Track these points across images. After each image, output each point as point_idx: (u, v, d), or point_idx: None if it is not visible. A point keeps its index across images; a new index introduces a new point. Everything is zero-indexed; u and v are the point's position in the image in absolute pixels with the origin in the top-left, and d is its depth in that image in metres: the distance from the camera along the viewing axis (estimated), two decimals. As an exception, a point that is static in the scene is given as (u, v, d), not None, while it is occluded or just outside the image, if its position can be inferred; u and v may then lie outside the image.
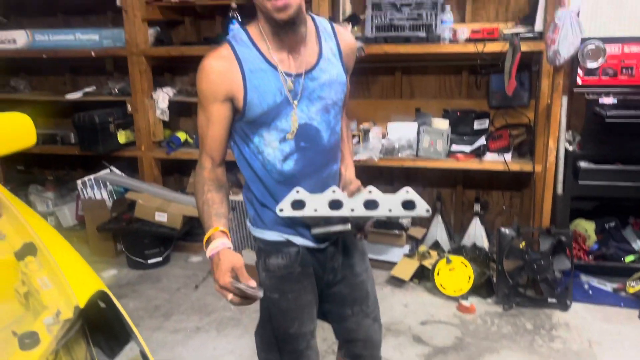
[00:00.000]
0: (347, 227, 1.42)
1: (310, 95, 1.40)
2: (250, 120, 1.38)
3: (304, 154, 1.42)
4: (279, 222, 1.46)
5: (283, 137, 1.39)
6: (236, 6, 3.33)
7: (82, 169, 4.43)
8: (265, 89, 1.35)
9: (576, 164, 3.01)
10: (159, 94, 3.77)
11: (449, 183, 3.80)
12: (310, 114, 1.41)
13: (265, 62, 1.36)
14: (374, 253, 3.48)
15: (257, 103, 1.35)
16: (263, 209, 1.48)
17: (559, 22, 2.72)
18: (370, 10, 3.25)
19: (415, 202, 1.37)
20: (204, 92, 1.37)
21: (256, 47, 1.37)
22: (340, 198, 1.39)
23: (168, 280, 3.45)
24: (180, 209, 3.56)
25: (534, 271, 2.96)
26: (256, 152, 1.42)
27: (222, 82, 1.34)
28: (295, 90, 1.38)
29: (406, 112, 3.67)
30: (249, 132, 1.41)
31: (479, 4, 3.48)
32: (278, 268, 1.49)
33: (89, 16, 4.22)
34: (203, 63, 1.36)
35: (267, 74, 1.36)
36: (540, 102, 3.07)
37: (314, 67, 1.40)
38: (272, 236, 1.49)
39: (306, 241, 1.49)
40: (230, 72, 1.34)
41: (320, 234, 1.44)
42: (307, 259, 1.50)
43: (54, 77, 4.44)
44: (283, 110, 1.37)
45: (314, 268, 1.52)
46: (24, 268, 1.29)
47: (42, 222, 1.61)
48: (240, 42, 1.37)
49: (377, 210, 1.38)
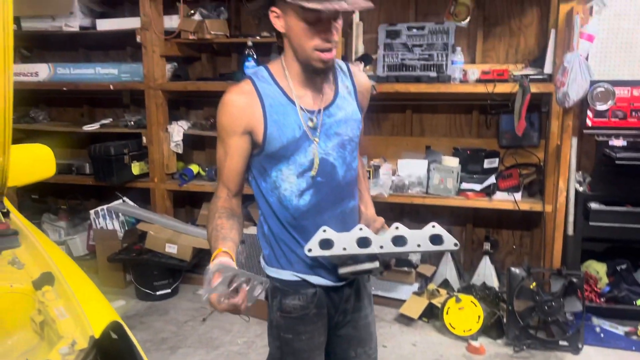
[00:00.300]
0: (376, 264, 1.40)
1: (327, 131, 1.44)
2: (270, 154, 1.41)
3: (320, 189, 1.44)
4: (295, 261, 1.47)
5: (301, 172, 1.42)
6: (252, 44, 3.43)
7: (95, 199, 4.49)
8: (284, 123, 1.40)
9: (587, 205, 3.01)
10: (174, 127, 3.85)
11: (459, 221, 3.80)
12: (327, 150, 1.44)
13: (285, 97, 1.42)
14: (382, 290, 3.46)
15: (276, 137, 1.39)
16: (279, 246, 1.49)
17: (568, 65, 2.77)
18: (382, 50, 3.34)
19: (442, 236, 1.36)
20: (224, 125, 1.41)
21: (277, 83, 1.43)
22: (368, 235, 1.38)
23: (176, 313, 3.45)
24: (191, 241, 3.59)
25: (545, 313, 2.93)
26: (273, 187, 1.45)
27: (242, 116, 1.39)
28: (315, 126, 1.42)
29: (416, 149, 3.71)
30: (267, 166, 1.44)
31: (489, 46, 3.55)
32: (294, 309, 1.48)
33: (109, 51, 4.36)
34: (224, 97, 1.41)
35: (286, 109, 1.41)
36: (550, 143, 3.10)
37: (331, 104, 1.46)
38: (288, 276, 1.49)
39: (323, 280, 1.49)
40: (251, 106, 1.39)
41: (348, 273, 1.41)
42: (322, 300, 1.50)
43: (73, 108, 4.56)
44: (302, 145, 1.41)
45: (328, 308, 1.53)
46: (41, 297, 1.31)
47: (60, 251, 1.64)
48: (261, 79, 1.43)
49: (406, 247, 1.36)
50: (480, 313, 3.05)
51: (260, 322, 3.14)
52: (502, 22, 3.51)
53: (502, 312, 3.10)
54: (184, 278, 3.80)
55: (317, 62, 1.36)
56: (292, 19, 1.33)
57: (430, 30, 3.27)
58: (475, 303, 3.07)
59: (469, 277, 3.59)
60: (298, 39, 1.35)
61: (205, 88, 3.73)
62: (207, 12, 3.67)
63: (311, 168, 1.43)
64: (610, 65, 3.19)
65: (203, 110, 4.20)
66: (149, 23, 3.61)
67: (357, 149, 1.56)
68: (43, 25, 3.85)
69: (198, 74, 4.13)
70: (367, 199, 1.65)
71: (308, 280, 1.48)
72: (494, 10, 3.51)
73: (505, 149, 3.52)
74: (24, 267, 1.46)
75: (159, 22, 3.67)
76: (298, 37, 1.34)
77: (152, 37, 3.65)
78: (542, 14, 3.43)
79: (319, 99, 1.45)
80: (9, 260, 1.48)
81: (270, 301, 1.54)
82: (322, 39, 1.33)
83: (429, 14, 3.60)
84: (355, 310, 1.58)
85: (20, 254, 1.52)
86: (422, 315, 3.24)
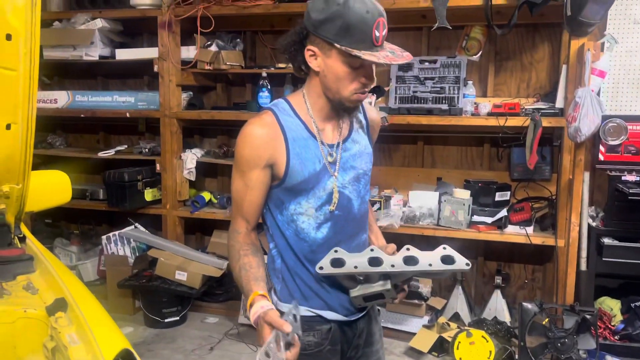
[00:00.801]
0: (388, 285, 1.38)
1: (344, 165, 1.46)
2: (290, 187, 1.42)
3: (337, 222, 1.45)
4: (310, 296, 1.46)
5: (319, 205, 1.43)
6: (266, 75, 3.50)
7: (107, 224, 4.53)
8: (306, 156, 1.41)
9: (600, 240, 2.98)
10: (188, 155, 3.91)
11: (469, 254, 3.77)
12: (344, 183, 1.46)
13: (306, 131, 1.43)
14: (392, 322, 3.42)
15: (298, 170, 1.40)
16: (293, 280, 1.47)
17: (579, 100, 2.78)
18: (394, 82, 3.39)
19: (454, 257, 1.36)
20: (246, 157, 1.40)
21: (298, 116, 1.44)
22: (379, 255, 1.38)
23: (183, 341, 3.43)
24: (200, 269, 3.59)
25: (558, 350, 2.87)
26: (290, 220, 1.44)
27: (265, 149, 1.38)
28: (334, 160, 1.44)
29: (427, 180, 3.72)
30: (286, 199, 1.44)
31: (501, 80, 3.59)
32: (308, 345, 1.45)
33: (126, 79, 4.46)
34: (246, 129, 1.40)
35: (308, 143, 1.42)
36: (562, 177, 3.10)
37: (346, 138, 1.48)
38: (303, 311, 1.44)
39: (338, 315, 1.48)
40: (273, 139, 1.39)
41: (360, 297, 1.40)
42: (336, 336, 1.49)
43: (89, 135, 4.64)
44: (322, 178, 1.43)
45: (341, 344, 1.51)
46: (54, 323, 1.32)
47: (73, 277, 1.66)
48: (282, 111, 1.44)
49: (417, 266, 1.36)
50: (491, 348, 3.00)
51: (268, 352, 3.11)
52: (513, 57, 3.55)
53: (514, 347, 3.05)
54: (193, 306, 3.79)
55: (352, 103, 1.39)
56: (335, 61, 1.33)
57: (442, 64, 3.32)
58: (487, 338, 3.03)
59: (480, 311, 3.54)
60: (337, 81, 1.36)
61: (220, 117, 3.79)
62: (223, 44, 3.75)
63: (330, 201, 1.43)
64: (622, 101, 3.21)
65: (217, 139, 4.26)
66: (167, 53, 3.70)
67: (369, 183, 1.58)
68: (64, 54, 3.96)
69: (213, 103, 4.21)
70: (377, 229, 1.67)
71: (323, 316, 1.47)
72: (505, 45, 3.55)
73: (516, 182, 3.52)
74: (37, 292, 1.47)
75: (176, 53, 3.76)
76: (338, 79, 1.35)
77: (169, 66, 3.73)
78: (553, 50, 3.47)
79: (337, 133, 1.47)
80: (24, 285, 1.50)
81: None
82: (363, 84, 1.36)
83: (441, 47, 3.66)
84: (366, 345, 1.57)
85: (35, 279, 1.54)
86: (432, 349, 3.19)
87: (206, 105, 4.16)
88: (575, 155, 2.97)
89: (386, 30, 1.32)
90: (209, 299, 3.84)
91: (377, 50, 1.31)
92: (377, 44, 1.30)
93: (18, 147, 1.56)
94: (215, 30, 3.61)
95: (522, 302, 2.98)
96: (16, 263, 1.57)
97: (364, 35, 1.29)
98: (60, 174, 2.00)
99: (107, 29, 3.92)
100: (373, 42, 1.30)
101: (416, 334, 3.26)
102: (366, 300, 1.43)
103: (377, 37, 1.30)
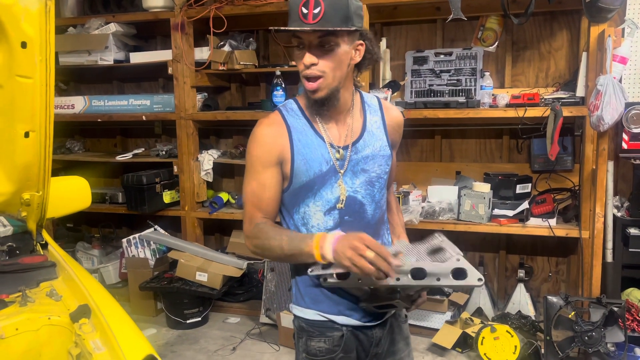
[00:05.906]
0: (396, 296, 1.35)
1: (354, 168, 1.43)
2: (297, 188, 1.40)
3: (348, 229, 1.37)
4: (321, 299, 1.43)
5: (328, 209, 1.40)
6: (280, 73, 3.48)
7: (127, 227, 4.56)
8: (311, 157, 1.39)
9: (625, 230, 2.91)
10: (204, 156, 3.91)
11: (491, 247, 3.72)
12: (355, 187, 1.42)
13: (313, 131, 1.41)
14: (414, 319, 3.39)
15: (303, 170, 1.39)
16: (305, 284, 1.44)
17: (601, 88, 2.72)
18: (409, 76, 3.35)
19: (466, 270, 1.28)
20: (258, 157, 1.39)
21: (305, 116, 1.42)
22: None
23: (206, 342, 3.44)
24: (221, 269, 3.59)
25: (586, 343, 2.81)
26: (301, 224, 1.43)
27: (274, 147, 1.38)
28: (342, 161, 1.41)
29: (446, 175, 3.67)
30: (295, 202, 1.42)
31: (519, 70, 3.53)
32: (319, 352, 1.43)
33: (141, 83, 4.48)
34: (256, 131, 1.41)
35: (313, 143, 1.40)
36: (585, 167, 3.03)
37: (357, 140, 1.44)
38: (314, 316, 1.44)
39: (350, 320, 1.43)
40: (280, 137, 1.39)
41: (370, 305, 1.38)
42: (350, 343, 1.44)
43: (106, 139, 4.68)
44: (329, 180, 1.40)
45: (357, 352, 1.47)
46: (78, 330, 1.32)
47: (95, 282, 1.67)
48: (290, 111, 1.43)
49: (424, 280, 1.29)
50: (517, 343, 2.96)
51: (291, 351, 3.11)
52: (531, 46, 3.48)
53: (540, 342, 3.00)
54: (214, 306, 3.80)
55: (309, 93, 1.36)
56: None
57: (458, 56, 3.27)
58: (512, 333, 2.98)
59: (503, 306, 3.49)
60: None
61: (235, 117, 3.79)
62: (236, 43, 3.75)
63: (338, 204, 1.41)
64: (645, 86, 3.13)
65: (232, 139, 4.26)
66: (180, 55, 3.71)
67: (386, 187, 1.53)
68: (79, 59, 3.99)
69: (227, 104, 4.21)
70: (400, 231, 1.62)
71: (334, 321, 1.43)
72: (522, 34, 3.49)
73: (537, 174, 3.46)
74: (61, 298, 1.48)
75: (189, 54, 3.76)
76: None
77: (183, 68, 3.74)
78: (572, 37, 3.40)
79: (346, 134, 1.43)
80: (47, 292, 1.51)
81: (296, 341, 1.50)
82: (305, 66, 1.33)
83: (456, 39, 3.61)
84: (388, 355, 1.52)
85: (58, 286, 1.55)
86: (456, 345, 3.15)
87: (221, 106, 4.16)
88: (599, 144, 2.90)
89: (320, 9, 1.28)
90: (229, 299, 3.85)
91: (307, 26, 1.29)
92: (305, 20, 1.29)
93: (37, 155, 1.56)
94: (228, 30, 3.60)
95: (546, 295, 2.92)
96: (39, 270, 1.59)
97: (293, 14, 1.31)
98: (79, 179, 2.01)
99: (121, 33, 3.94)
100: (301, 19, 1.29)
101: (439, 330, 3.23)
102: (377, 308, 1.40)
103: (304, 13, 1.29)
